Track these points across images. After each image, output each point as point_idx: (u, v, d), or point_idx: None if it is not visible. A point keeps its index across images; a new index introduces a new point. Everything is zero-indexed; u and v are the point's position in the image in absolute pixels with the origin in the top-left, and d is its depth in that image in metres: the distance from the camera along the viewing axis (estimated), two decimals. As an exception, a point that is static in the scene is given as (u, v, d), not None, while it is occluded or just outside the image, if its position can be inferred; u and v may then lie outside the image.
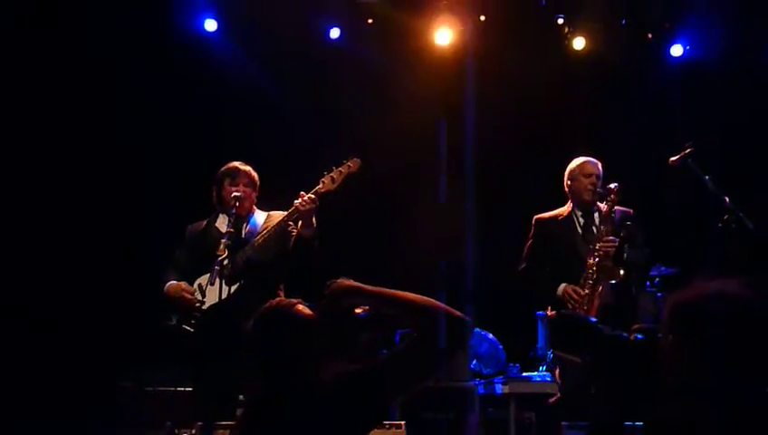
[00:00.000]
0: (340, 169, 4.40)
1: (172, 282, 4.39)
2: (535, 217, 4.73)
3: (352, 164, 4.42)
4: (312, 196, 4.26)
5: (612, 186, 4.47)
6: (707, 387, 1.79)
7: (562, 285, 4.47)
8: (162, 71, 6.08)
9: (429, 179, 6.33)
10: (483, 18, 6.43)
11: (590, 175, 4.58)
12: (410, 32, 6.40)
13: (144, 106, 6.02)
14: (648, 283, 5.21)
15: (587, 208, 4.61)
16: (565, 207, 4.69)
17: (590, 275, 4.38)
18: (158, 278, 4.45)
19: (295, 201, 4.29)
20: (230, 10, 6.37)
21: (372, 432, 2.30)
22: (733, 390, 1.77)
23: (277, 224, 4.35)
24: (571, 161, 4.72)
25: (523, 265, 4.66)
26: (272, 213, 4.55)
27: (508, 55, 6.40)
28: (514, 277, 4.69)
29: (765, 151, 6.21)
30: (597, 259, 4.38)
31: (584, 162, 4.64)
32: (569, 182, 4.67)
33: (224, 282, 4.15)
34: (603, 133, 6.00)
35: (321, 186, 4.35)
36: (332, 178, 4.37)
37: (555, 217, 4.68)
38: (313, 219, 4.30)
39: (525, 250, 4.69)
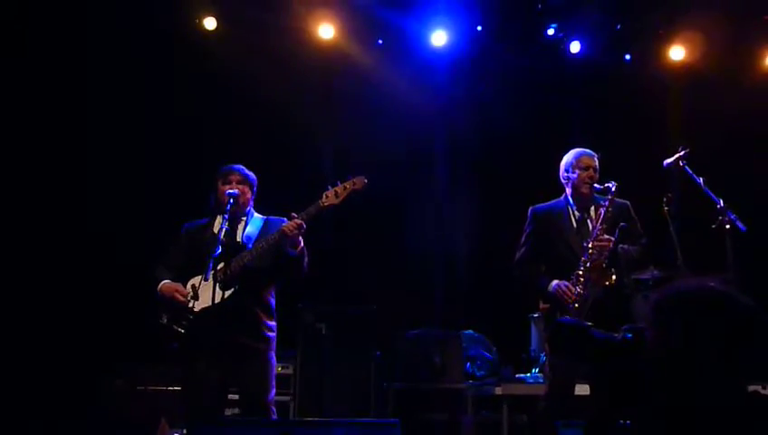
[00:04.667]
0: (344, 184, 4.41)
1: (166, 281, 4.39)
2: (531, 207, 4.65)
3: (357, 181, 4.42)
4: (299, 221, 4.26)
5: (610, 185, 4.37)
6: (688, 382, 1.79)
7: (555, 282, 4.38)
8: (167, 71, 6.08)
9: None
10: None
11: (587, 168, 4.49)
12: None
13: (148, 106, 6.01)
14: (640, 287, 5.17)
15: (583, 202, 4.51)
16: (561, 198, 4.61)
17: (582, 274, 4.30)
18: (149, 275, 4.44)
19: (283, 225, 4.29)
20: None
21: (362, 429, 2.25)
22: (712, 385, 1.77)
23: (275, 234, 4.35)
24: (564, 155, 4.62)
25: (518, 257, 4.60)
26: (270, 218, 4.55)
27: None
28: (510, 268, 4.62)
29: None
30: (591, 258, 4.30)
31: (581, 154, 4.54)
32: (565, 174, 4.57)
33: (218, 286, 4.14)
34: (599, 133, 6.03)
35: (324, 199, 4.37)
36: (336, 193, 4.38)
37: (551, 208, 4.60)
38: (300, 240, 4.31)
39: (521, 241, 4.62)
